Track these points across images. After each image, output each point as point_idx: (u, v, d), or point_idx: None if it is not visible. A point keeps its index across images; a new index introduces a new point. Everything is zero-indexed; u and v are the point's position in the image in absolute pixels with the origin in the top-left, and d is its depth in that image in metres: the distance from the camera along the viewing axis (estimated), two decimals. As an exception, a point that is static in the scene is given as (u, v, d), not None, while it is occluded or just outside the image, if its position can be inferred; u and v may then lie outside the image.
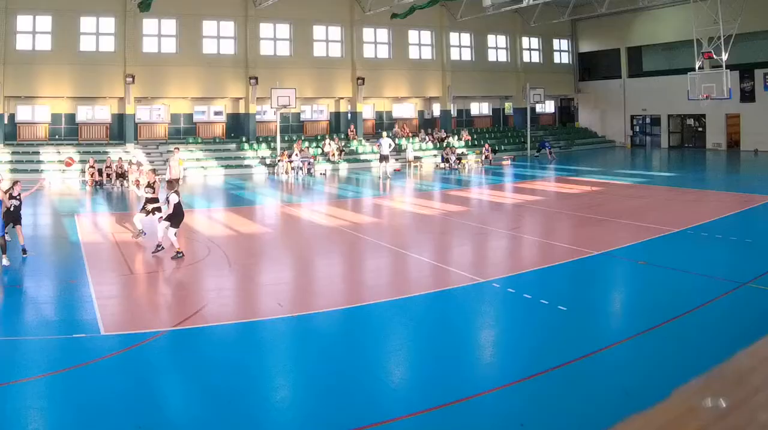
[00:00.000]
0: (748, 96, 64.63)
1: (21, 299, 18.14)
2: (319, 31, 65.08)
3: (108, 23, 57.51)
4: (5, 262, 20.74)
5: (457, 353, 13.88)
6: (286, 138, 61.39)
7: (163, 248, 22.70)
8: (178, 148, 37.77)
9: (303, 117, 67.73)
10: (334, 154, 59.56)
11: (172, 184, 22.93)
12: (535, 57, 78.36)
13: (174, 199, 22.23)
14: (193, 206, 36.12)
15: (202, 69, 59.61)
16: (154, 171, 28.23)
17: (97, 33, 57.46)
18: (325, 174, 55.13)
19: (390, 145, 52.13)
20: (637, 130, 77.99)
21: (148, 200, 25.76)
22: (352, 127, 65.65)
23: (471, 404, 11.27)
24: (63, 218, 31.25)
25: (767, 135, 63.16)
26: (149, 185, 25.64)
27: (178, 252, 22.13)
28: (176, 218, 22.36)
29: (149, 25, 58.82)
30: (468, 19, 66.86)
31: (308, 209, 35.94)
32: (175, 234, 22.27)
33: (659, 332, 14.63)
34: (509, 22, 72.70)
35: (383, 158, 50.18)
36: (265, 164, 57.87)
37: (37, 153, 54.02)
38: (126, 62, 56.96)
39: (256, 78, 60.57)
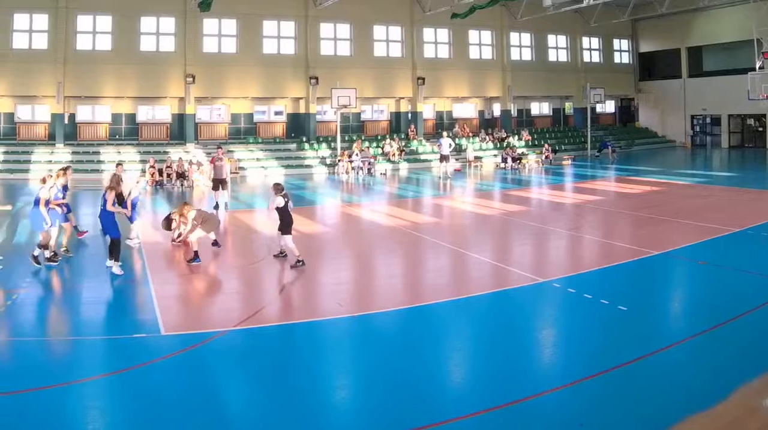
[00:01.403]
0: (808, 96, 60.73)
1: (82, 299, 17.45)
2: (379, 31, 62.03)
3: (168, 23, 55.11)
4: (117, 270, 19.47)
5: (517, 353, 13.42)
6: (346, 138, 58.77)
7: (302, 262, 20.35)
8: (221, 148, 34.76)
9: (363, 117, 64.92)
10: (394, 154, 57.02)
11: (279, 186, 20.82)
12: (596, 57, 74.26)
13: (280, 202, 20.31)
14: (254, 206, 35.32)
15: (263, 69, 57.25)
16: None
17: (158, 33, 54.96)
18: (385, 174, 52.53)
19: (450, 145, 49.66)
20: (698, 130, 73.81)
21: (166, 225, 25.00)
22: (412, 127, 62.76)
23: (531, 404, 10.92)
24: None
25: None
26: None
27: (298, 260, 20.26)
28: (284, 224, 20.49)
29: (209, 24, 56.20)
30: (528, 19, 63.69)
31: (368, 209, 34.35)
32: (291, 240, 20.44)
33: (719, 333, 14.24)
34: (569, 22, 68.72)
35: (443, 158, 47.82)
36: (326, 164, 55.21)
37: (98, 153, 51.61)
38: (186, 62, 54.65)
39: (317, 78, 57.83)
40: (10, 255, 21.25)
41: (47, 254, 20.53)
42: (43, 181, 21.34)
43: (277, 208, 20.35)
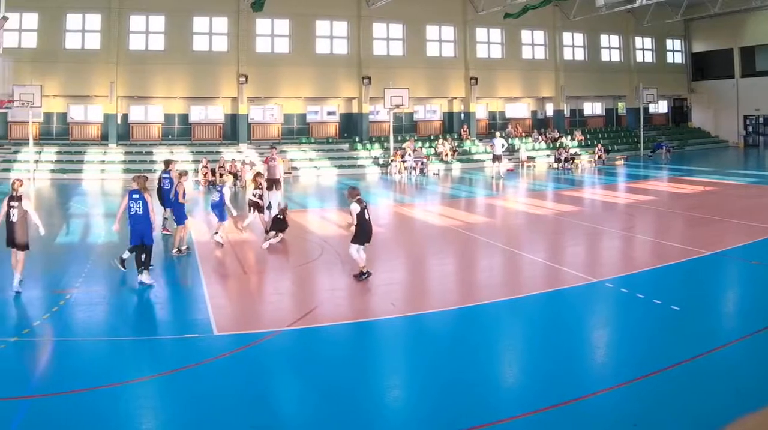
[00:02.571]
0: None
1: (135, 300, 16.88)
2: (432, 31, 58.91)
3: (221, 23, 52.83)
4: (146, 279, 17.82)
5: (569, 353, 12.89)
6: (399, 138, 55.75)
7: (367, 274, 18.35)
8: (274, 148, 32.95)
9: (416, 117, 61.69)
10: (447, 154, 54.49)
11: (353, 191, 18.81)
12: (648, 57, 70.25)
13: (355, 208, 18.23)
14: (307, 206, 34.58)
15: (315, 69, 54.65)
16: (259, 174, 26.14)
17: (210, 33, 52.72)
18: (438, 174, 49.98)
19: (503, 145, 47.43)
20: (750, 129, 69.52)
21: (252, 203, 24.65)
22: (465, 127, 59.81)
23: (583, 404, 10.48)
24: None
25: None
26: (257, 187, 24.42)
27: (362, 272, 18.30)
28: (359, 233, 18.20)
29: (262, 25, 53.79)
30: (581, 19, 60.05)
31: (421, 209, 33.19)
32: (357, 250, 18.19)
33: (773, 332, 13.72)
34: (622, 22, 65.13)
35: (496, 158, 45.97)
36: (378, 164, 52.70)
37: (150, 153, 49.24)
38: (239, 62, 52.28)
39: (369, 78, 55.16)
40: (60, 254, 20.63)
41: (182, 247, 21.36)
42: (182, 175, 22.20)
43: (356, 215, 18.25)
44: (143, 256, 17.66)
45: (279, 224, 23.56)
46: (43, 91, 45.17)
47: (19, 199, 16.59)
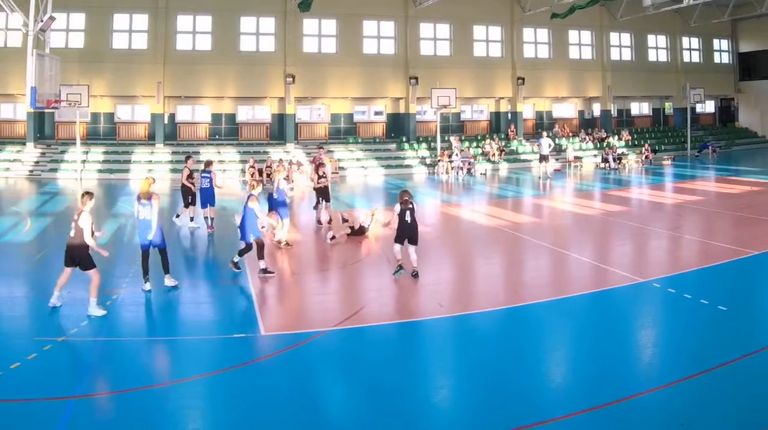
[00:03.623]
0: None
1: (182, 299, 16.10)
2: (479, 30, 55.37)
3: (268, 23, 50.08)
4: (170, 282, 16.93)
5: (617, 353, 12.26)
6: (446, 138, 52.39)
7: (400, 270, 17.90)
8: (322, 148, 32.37)
9: (463, 117, 58.19)
10: (494, 154, 51.33)
11: (404, 194, 18.27)
12: (695, 57, 66.00)
13: (396, 209, 17.96)
14: (354, 206, 32.22)
15: (362, 69, 51.68)
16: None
17: (257, 33, 49.97)
18: (485, 174, 47.34)
19: (550, 145, 45.12)
20: (798, 130, 65.03)
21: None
22: (512, 127, 56.36)
23: (631, 404, 10.01)
24: (224, 217, 27.10)
25: None
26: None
27: (398, 268, 17.85)
28: (397, 231, 17.89)
29: (309, 25, 50.88)
30: (628, 19, 56.27)
31: (468, 209, 31.62)
32: (396, 247, 17.97)
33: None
34: (669, 22, 60.95)
35: (543, 158, 43.60)
36: (425, 164, 49.57)
37: (198, 153, 45.50)
38: (286, 62, 49.48)
39: (416, 78, 51.84)
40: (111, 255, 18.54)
41: (283, 243, 21.37)
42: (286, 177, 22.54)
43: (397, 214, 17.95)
44: (159, 260, 16.80)
45: (361, 229, 23.27)
46: (90, 91, 43.07)
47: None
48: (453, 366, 12.08)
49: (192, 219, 25.32)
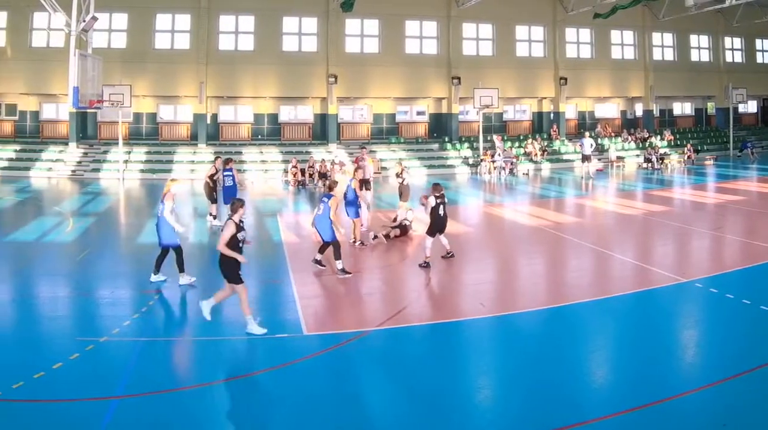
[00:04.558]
0: None
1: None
2: (521, 30, 52.32)
3: (310, 23, 47.51)
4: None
5: (658, 353, 11.70)
6: (488, 138, 49.41)
7: (427, 264, 18.01)
8: (365, 148, 30.81)
9: (505, 117, 55.11)
10: (536, 154, 48.75)
11: (437, 187, 18.32)
12: (738, 57, 62.04)
13: (431, 202, 17.90)
14: (396, 206, 29.46)
15: (405, 69, 48.93)
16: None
17: (300, 33, 47.41)
18: (527, 174, 45.03)
19: (592, 145, 42.75)
20: (841, 130, 60.59)
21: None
22: (554, 127, 53.32)
23: (672, 404, 9.55)
24: (266, 217, 27.38)
25: None
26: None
27: (426, 262, 17.93)
28: (430, 225, 18.08)
29: (352, 25, 48.27)
30: (670, 19, 52.85)
31: (511, 209, 30.56)
32: (428, 241, 18.10)
33: None
34: (712, 22, 57.55)
35: (585, 158, 41.54)
36: (468, 164, 46.94)
37: (240, 153, 44.21)
38: (328, 62, 46.89)
39: (459, 78, 49.02)
40: (149, 254, 18.03)
41: (357, 243, 20.83)
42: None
43: (431, 208, 18.00)
44: (164, 258, 16.31)
45: (404, 228, 22.49)
46: (132, 91, 41.10)
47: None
48: (494, 366, 11.61)
49: (215, 217, 24.56)
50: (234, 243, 12.63)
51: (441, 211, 17.81)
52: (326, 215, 17.38)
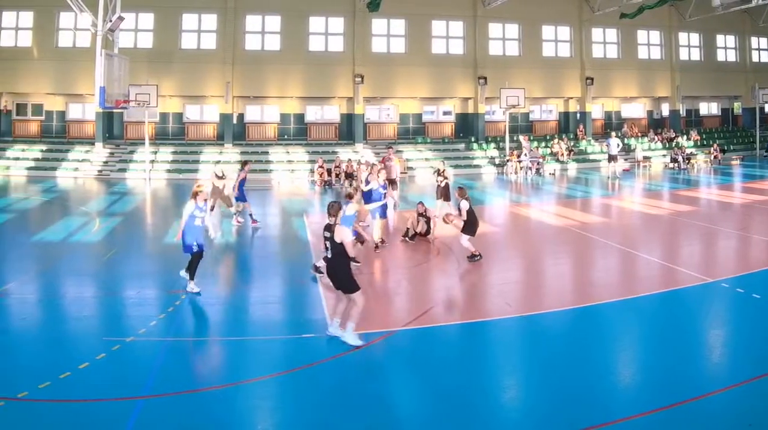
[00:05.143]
0: None
1: (251, 299, 14.97)
2: (548, 30, 50.44)
3: (337, 23, 45.99)
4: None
5: (685, 353, 11.29)
6: (514, 138, 47.66)
7: (479, 256, 17.88)
8: (391, 148, 30.41)
9: (532, 117, 53.35)
10: (562, 154, 46.91)
11: (463, 190, 18.34)
12: (765, 57, 59.59)
13: (465, 206, 17.72)
14: (434, 206, 28.61)
15: (431, 69, 47.29)
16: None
17: (326, 33, 45.83)
18: (554, 174, 43.61)
19: (618, 145, 41.65)
20: None
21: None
22: (581, 127, 51.44)
23: (699, 404, 9.26)
24: (292, 217, 27.09)
25: None
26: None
27: (474, 254, 17.75)
28: (470, 226, 17.81)
29: (378, 25, 46.63)
30: (696, 19, 51.05)
31: (537, 209, 29.53)
32: (469, 240, 17.80)
33: None
34: (738, 22, 55.38)
35: (612, 158, 40.39)
36: (494, 164, 45.21)
37: (266, 153, 42.94)
38: (355, 62, 45.38)
39: (485, 78, 47.21)
40: (175, 255, 17.16)
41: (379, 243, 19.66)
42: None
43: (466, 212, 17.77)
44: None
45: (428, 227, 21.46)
46: (158, 91, 39.69)
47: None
48: (521, 366, 11.26)
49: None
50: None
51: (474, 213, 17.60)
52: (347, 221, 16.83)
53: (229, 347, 12.07)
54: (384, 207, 20.34)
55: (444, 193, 23.46)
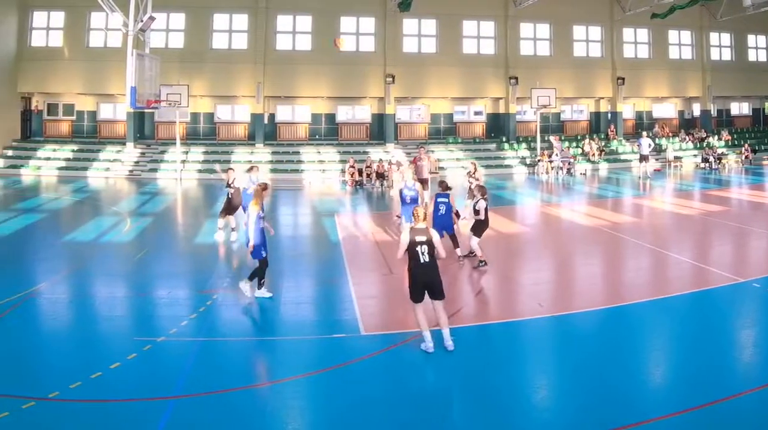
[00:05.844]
0: None
1: (282, 299, 13.98)
2: (578, 30, 48.38)
3: (368, 23, 44.26)
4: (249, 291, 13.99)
5: (716, 353, 10.77)
6: (545, 138, 45.85)
7: (478, 258, 16.79)
8: (422, 147, 29.33)
9: (563, 117, 51.22)
10: (593, 154, 45.01)
11: (483, 190, 17.22)
12: None
13: (483, 205, 16.72)
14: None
15: (462, 69, 45.38)
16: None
17: (357, 33, 44.19)
18: (585, 174, 41.97)
19: (650, 145, 40.06)
20: None
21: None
22: (612, 126, 49.45)
23: (730, 404, 8.83)
24: (323, 217, 25.87)
25: None
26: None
27: (481, 260, 16.54)
28: (481, 226, 16.78)
29: (409, 25, 44.83)
30: (728, 19, 48.86)
31: (568, 209, 28.61)
32: (478, 243, 16.62)
33: None
34: (769, 21, 52.53)
35: (643, 158, 38.98)
36: (525, 164, 43.47)
37: (297, 153, 41.33)
38: (386, 62, 43.62)
39: (516, 78, 45.35)
40: (207, 255, 18.31)
41: None
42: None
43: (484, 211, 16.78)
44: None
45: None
46: (189, 91, 38.12)
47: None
48: (552, 366, 10.71)
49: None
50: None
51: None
52: (449, 212, 17.40)
53: (260, 347, 11.75)
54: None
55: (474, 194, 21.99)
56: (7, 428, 8.22)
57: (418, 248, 10.79)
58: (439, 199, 17.63)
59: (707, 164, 44.36)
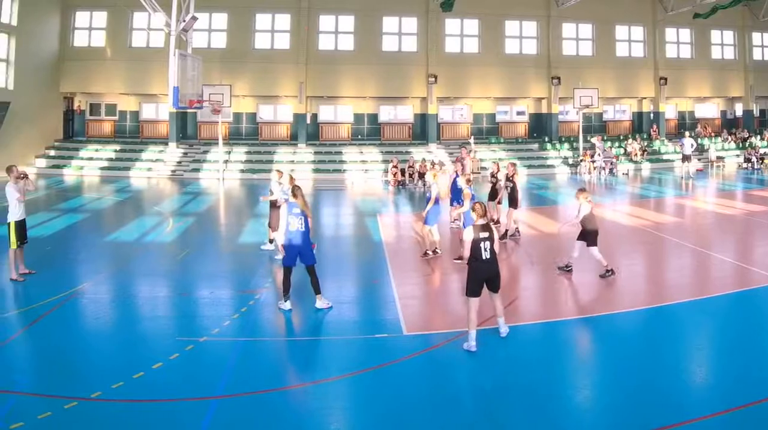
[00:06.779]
0: None
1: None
2: (621, 30, 45.94)
3: (410, 23, 41.96)
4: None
5: (759, 353, 10.29)
6: (588, 138, 43.26)
7: (611, 272, 14.86)
8: (465, 147, 28.60)
9: (605, 117, 48.68)
10: (636, 154, 42.87)
11: (585, 191, 15.39)
12: None
13: (585, 209, 14.83)
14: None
15: (504, 69, 43.13)
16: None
17: (399, 33, 41.83)
18: (627, 174, 40.09)
19: (692, 145, 38.00)
20: None
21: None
22: (654, 127, 46.89)
23: None
24: (366, 217, 24.79)
25: None
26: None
27: (607, 270, 14.70)
28: (590, 232, 14.80)
29: (451, 25, 42.70)
30: (770, 19, 44.07)
31: (610, 209, 27.28)
32: (597, 251, 14.78)
33: None
34: (812, 21, 48.82)
35: (685, 158, 37.25)
36: (568, 164, 41.27)
37: (340, 153, 39.21)
38: (428, 62, 41.43)
39: (559, 78, 43.04)
40: (249, 255, 17.55)
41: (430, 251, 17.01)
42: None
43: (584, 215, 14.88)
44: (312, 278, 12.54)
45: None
46: (232, 91, 36.25)
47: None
48: (595, 366, 10.21)
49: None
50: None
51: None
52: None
53: (302, 346, 11.29)
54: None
55: (510, 197, 20.75)
56: (50, 428, 7.83)
57: (482, 245, 10.36)
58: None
59: (749, 164, 42.50)
